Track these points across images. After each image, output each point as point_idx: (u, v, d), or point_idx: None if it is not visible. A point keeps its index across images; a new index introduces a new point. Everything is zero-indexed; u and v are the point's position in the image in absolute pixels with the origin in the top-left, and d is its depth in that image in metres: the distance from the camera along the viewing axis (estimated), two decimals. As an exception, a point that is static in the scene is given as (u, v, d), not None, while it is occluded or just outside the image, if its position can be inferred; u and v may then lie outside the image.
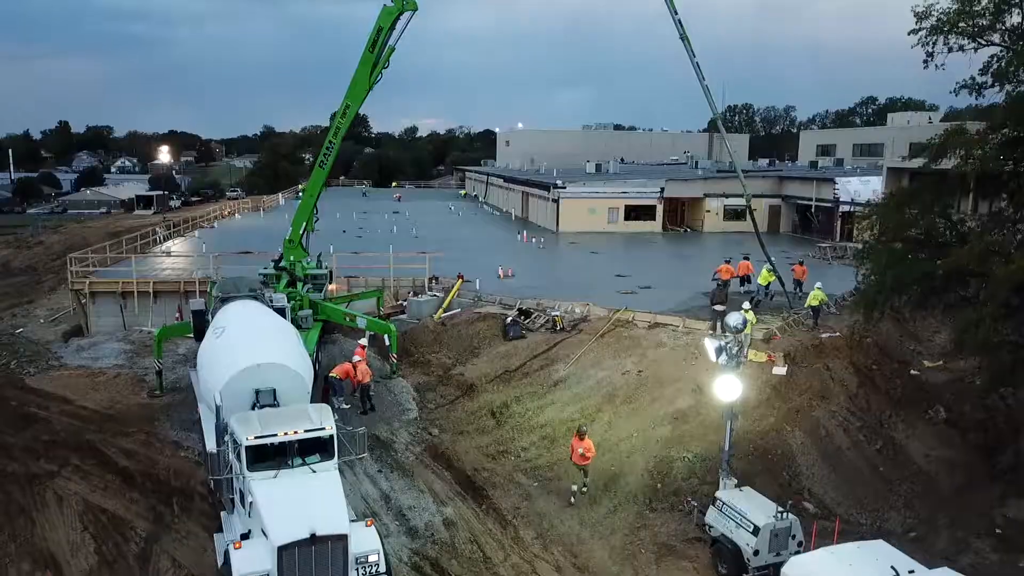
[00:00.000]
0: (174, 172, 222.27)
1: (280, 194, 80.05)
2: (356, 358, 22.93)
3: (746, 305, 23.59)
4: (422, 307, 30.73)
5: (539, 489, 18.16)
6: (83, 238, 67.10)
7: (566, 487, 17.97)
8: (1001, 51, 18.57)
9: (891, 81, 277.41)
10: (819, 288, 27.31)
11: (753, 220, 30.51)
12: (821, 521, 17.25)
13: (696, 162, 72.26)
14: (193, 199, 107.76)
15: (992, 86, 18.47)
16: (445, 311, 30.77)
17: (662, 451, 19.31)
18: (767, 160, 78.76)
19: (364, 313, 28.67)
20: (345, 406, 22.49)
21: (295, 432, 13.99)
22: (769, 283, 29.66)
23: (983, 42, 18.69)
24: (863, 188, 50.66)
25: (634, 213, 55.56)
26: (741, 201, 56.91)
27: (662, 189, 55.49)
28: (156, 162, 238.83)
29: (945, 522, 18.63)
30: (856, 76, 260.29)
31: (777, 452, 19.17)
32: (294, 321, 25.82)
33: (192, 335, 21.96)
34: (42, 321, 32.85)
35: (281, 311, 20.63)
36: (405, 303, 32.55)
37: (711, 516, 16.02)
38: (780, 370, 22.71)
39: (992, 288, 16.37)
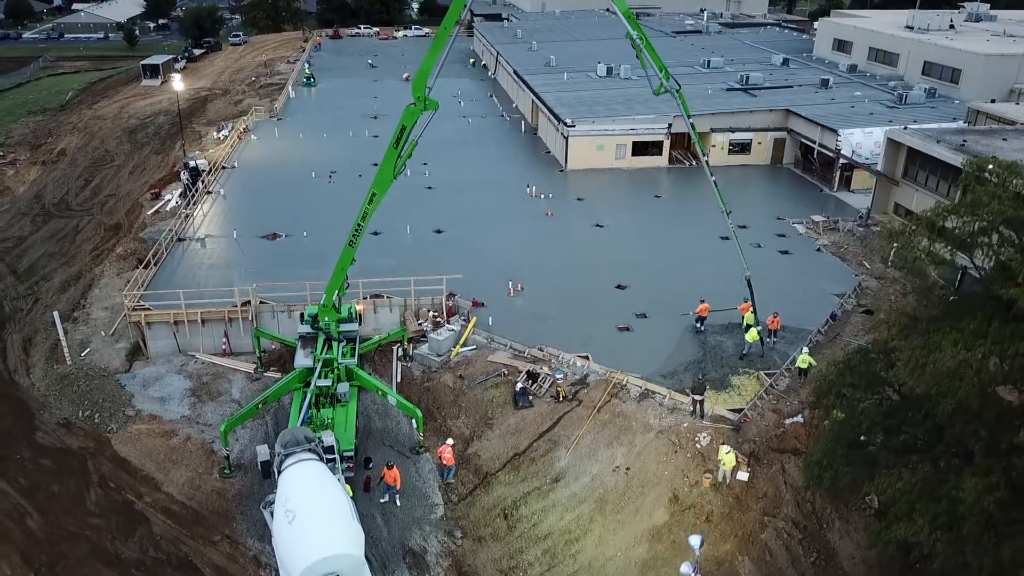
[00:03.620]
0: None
1: (288, 84, 79.32)
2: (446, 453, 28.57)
3: (726, 448, 27.28)
4: (441, 345, 34.71)
5: (541, 621, 23.69)
6: (102, 143, 68.94)
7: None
8: None
9: None
10: (807, 353, 31.45)
11: (750, 288, 33.19)
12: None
13: (710, 59, 71.25)
14: (196, 52, 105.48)
15: None
16: (463, 346, 34.98)
17: (638, 576, 24.55)
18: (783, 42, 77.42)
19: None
20: (383, 500, 27.55)
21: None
22: (755, 341, 33.28)
23: None
24: (865, 140, 52.09)
25: (642, 147, 57.16)
26: (746, 136, 58.64)
27: (669, 125, 56.62)
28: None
29: (854, 633, 24.20)
30: None
31: (728, 583, 24.37)
32: (333, 396, 30.30)
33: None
34: (103, 335, 36.84)
35: (332, 460, 24.97)
36: (425, 325, 36.55)
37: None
38: (743, 476, 27.33)
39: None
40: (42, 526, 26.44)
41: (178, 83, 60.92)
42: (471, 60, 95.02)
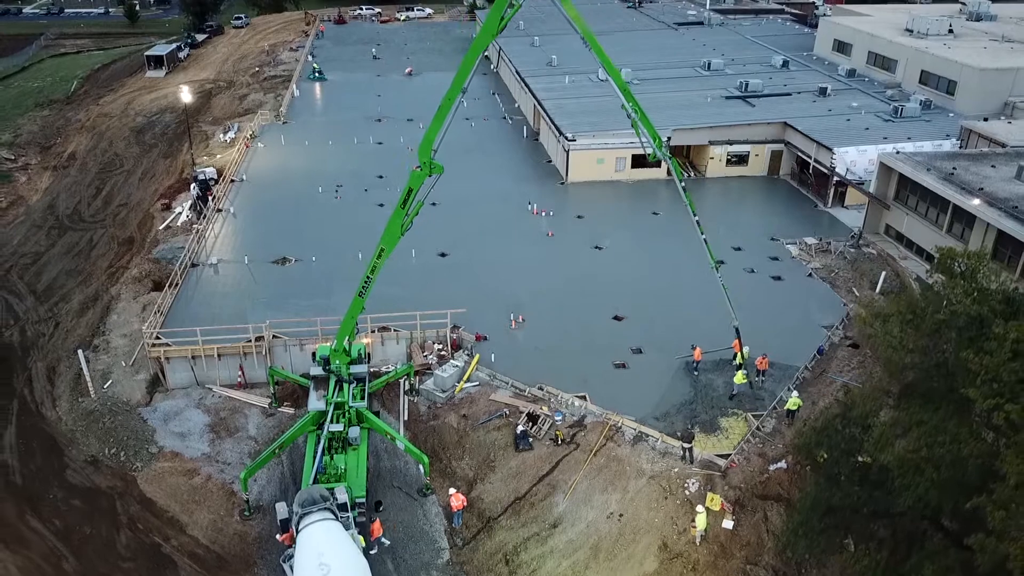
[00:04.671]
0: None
1: (293, 83, 79.84)
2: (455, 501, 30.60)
3: (700, 508, 29.05)
4: (446, 381, 36.55)
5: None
6: (111, 145, 70.06)
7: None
8: None
9: None
10: (796, 396, 33.42)
11: (738, 336, 34.81)
12: None
13: (711, 60, 71.82)
14: (199, 38, 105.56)
15: None
16: (467, 381, 36.84)
17: (629, 625, 26.68)
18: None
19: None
20: (385, 542, 29.69)
21: None
22: (742, 383, 35.06)
23: None
24: (859, 158, 53.29)
25: (641, 160, 58.21)
26: (744, 148, 59.70)
27: (668, 139, 57.56)
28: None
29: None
30: None
31: (710, 633, 26.52)
32: (345, 440, 32.19)
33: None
34: (123, 366, 38.65)
35: (344, 512, 27.00)
36: (430, 358, 38.36)
37: None
38: (728, 524, 29.32)
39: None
40: (77, 570, 28.55)
41: (185, 95, 61.67)
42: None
